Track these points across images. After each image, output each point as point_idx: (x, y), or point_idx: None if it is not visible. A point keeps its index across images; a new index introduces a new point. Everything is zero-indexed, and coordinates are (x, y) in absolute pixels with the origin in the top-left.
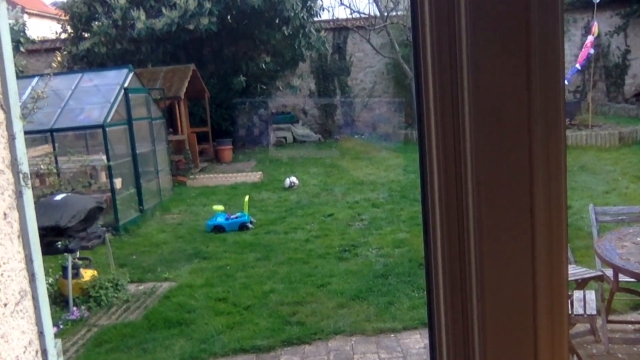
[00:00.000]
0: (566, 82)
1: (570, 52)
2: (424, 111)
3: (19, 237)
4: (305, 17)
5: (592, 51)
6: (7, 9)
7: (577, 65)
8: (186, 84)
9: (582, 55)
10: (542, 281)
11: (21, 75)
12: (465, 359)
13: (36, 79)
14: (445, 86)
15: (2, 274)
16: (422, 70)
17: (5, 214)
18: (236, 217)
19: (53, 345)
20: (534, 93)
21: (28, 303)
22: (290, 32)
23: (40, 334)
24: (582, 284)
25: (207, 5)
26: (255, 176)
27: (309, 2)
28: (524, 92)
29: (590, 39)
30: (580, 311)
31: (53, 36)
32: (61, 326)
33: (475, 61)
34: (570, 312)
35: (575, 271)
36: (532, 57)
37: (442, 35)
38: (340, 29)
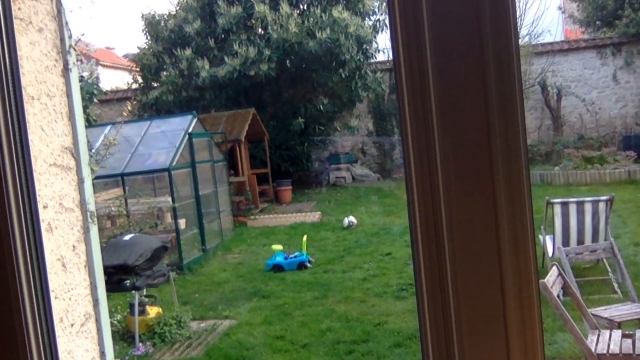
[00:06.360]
0: None
1: (636, 84)
2: (405, 154)
3: (85, 266)
4: (361, 60)
5: None
6: (83, 61)
7: None
8: (246, 127)
9: None
10: (509, 282)
11: (95, 123)
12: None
13: (109, 127)
14: (420, 129)
15: (70, 298)
16: (402, 117)
17: (74, 246)
18: (295, 257)
19: None
20: (493, 133)
21: (92, 325)
22: (347, 75)
23: (102, 354)
24: None
25: (267, 52)
26: (315, 216)
27: (364, 45)
28: (484, 133)
29: None
30: None
31: (125, 86)
32: None
33: (441, 106)
34: (632, 351)
35: (639, 309)
36: (490, 103)
37: (416, 91)
38: None
